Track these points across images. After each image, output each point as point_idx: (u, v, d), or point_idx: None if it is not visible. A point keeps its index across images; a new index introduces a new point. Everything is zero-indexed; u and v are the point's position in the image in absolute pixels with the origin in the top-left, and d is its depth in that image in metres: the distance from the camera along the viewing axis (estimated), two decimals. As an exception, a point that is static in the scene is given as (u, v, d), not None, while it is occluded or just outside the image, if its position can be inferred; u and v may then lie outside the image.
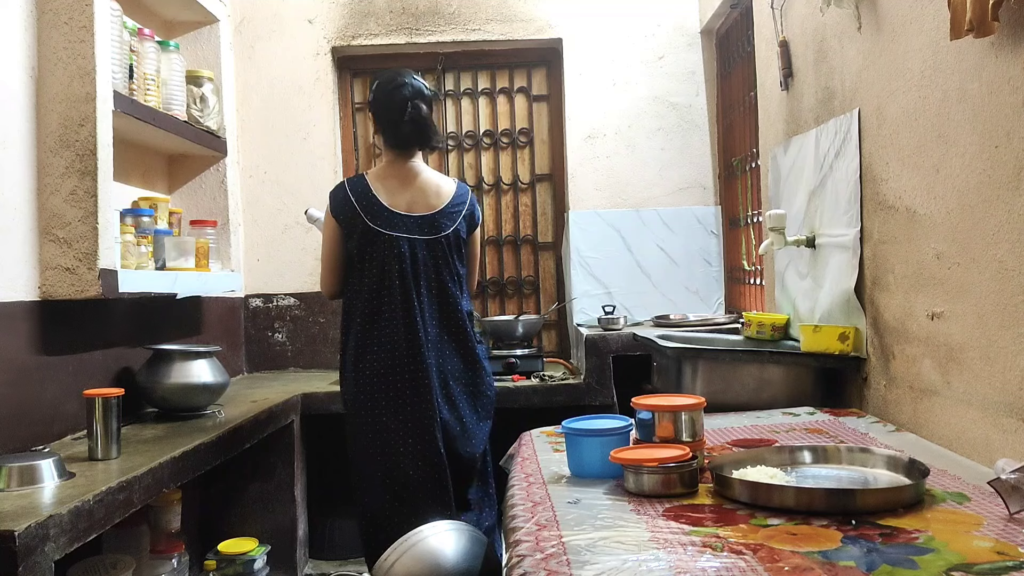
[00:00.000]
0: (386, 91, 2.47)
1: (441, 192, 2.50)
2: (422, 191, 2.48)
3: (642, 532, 1.20)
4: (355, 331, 2.43)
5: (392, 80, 2.49)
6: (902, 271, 1.84)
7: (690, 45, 3.67)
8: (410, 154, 2.51)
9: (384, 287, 2.40)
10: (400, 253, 2.40)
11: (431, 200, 2.47)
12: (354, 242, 2.43)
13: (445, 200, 2.49)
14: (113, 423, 2.00)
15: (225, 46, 3.39)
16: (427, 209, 2.46)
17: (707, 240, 3.66)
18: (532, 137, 3.89)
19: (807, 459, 1.53)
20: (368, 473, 2.41)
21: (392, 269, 2.40)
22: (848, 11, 2.02)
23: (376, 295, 2.41)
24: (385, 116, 2.47)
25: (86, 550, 1.83)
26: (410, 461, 2.38)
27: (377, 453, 2.40)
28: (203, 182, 3.27)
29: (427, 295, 2.43)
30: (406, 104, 2.43)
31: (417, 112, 2.44)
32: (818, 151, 2.26)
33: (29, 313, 2.21)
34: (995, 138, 1.46)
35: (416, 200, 2.46)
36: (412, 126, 2.45)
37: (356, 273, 2.45)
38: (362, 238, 2.41)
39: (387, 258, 2.40)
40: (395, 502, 2.38)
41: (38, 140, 2.28)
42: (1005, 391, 1.47)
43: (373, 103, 2.51)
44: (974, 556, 1.06)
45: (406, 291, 2.40)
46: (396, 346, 2.38)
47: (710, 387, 2.13)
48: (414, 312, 2.40)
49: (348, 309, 2.49)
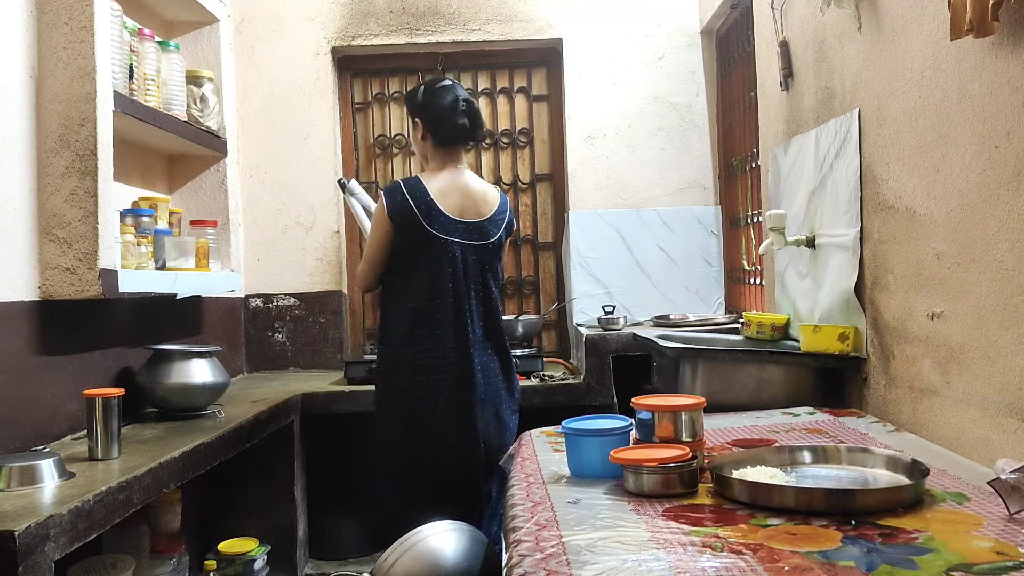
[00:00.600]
0: (436, 91, 2.57)
1: (488, 199, 2.59)
2: (472, 197, 2.56)
3: (642, 532, 1.20)
4: (403, 329, 2.49)
5: (438, 81, 2.61)
6: (902, 271, 1.84)
7: (690, 45, 3.68)
8: (458, 155, 2.59)
9: (437, 289, 2.47)
10: (453, 257, 2.48)
11: (480, 207, 2.56)
12: (407, 243, 2.48)
13: (492, 208, 2.58)
14: (113, 423, 2.00)
15: (225, 46, 3.39)
16: (476, 216, 2.55)
17: (707, 240, 3.66)
18: (532, 137, 3.89)
19: (807, 459, 1.53)
20: (400, 464, 2.47)
21: (445, 272, 2.47)
22: (848, 11, 2.02)
23: (429, 296, 2.47)
24: (438, 113, 2.54)
25: (86, 550, 1.83)
26: (450, 454, 2.46)
27: (417, 445, 2.46)
28: (203, 182, 3.27)
29: (475, 298, 2.53)
30: (458, 101, 2.54)
31: (469, 106, 2.56)
32: (818, 151, 2.26)
33: (29, 313, 2.21)
34: (995, 138, 1.47)
35: (467, 206, 2.54)
36: (467, 119, 2.55)
37: (407, 273, 2.50)
38: (418, 240, 2.47)
39: (441, 261, 2.47)
40: (426, 488, 2.45)
41: (38, 140, 2.28)
42: (1005, 391, 1.47)
43: (422, 105, 2.57)
44: (974, 556, 1.06)
45: (458, 294, 2.49)
46: (446, 346, 2.47)
47: (710, 387, 2.13)
48: (464, 314, 2.49)
49: (396, 308, 2.52)
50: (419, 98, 2.58)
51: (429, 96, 2.56)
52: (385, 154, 3.89)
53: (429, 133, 2.56)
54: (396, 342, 2.50)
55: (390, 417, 2.52)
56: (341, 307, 3.72)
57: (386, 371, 2.54)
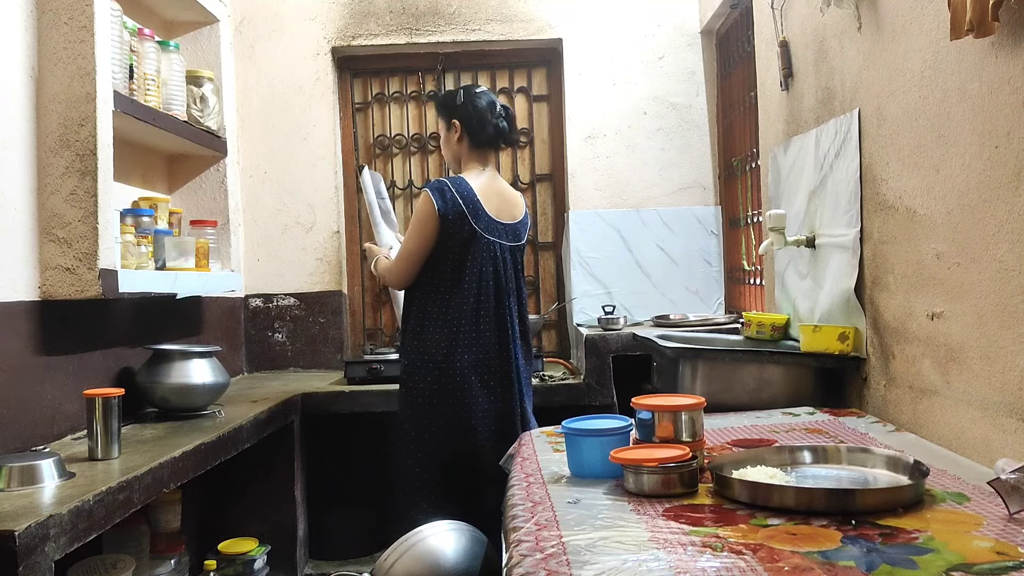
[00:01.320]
0: (476, 95, 2.69)
1: (518, 203, 2.73)
2: (506, 200, 2.68)
3: (642, 532, 1.20)
4: (447, 328, 2.53)
5: (474, 87, 2.75)
6: (902, 271, 1.84)
7: (690, 45, 3.68)
8: (490, 157, 2.70)
9: (482, 288, 2.56)
10: (495, 257, 2.59)
11: (513, 210, 2.69)
12: (455, 242, 2.54)
13: (521, 211, 2.73)
14: (113, 423, 2.00)
15: (225, 46, 3.39)
16: (511, 218, 2.67)
17: (707, 240, 3.66)
18: (532, 137, 3.89)
19: (807, 459, 1.53)
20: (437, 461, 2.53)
21: (488, 271, 2.57)
22: (848, 11, 2.02)
23: (476, 295, 2.56)
24: (479, 116, 2.65)
25: (86, 550, 1.83)
26: (491, 449, 2.51)
27: (456, 440, 2.53)
28: (203, 182, 3.28)
29: (513, 297, 2.64)
30: (495, 104, 2.69)
31: (507, 111, 2.71)
32: (818, 151, 2.26)
33: (29, 313, 2.21)
34: (995, 138, 1.46)
35: (502, 208, 2.65)
36: (506, 121, 2.69)
37: (453, 272, 2.55)
38: (467, 239, 2.54)
39: (486, 261, 2.57)
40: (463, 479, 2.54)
41: (38, 140, 2.28)
42: (1005, 391, 1.47)
43: (463, 107, 2.67)
44: (974, 556, 1.06)
45: (499, 293, 2.60)
46: (490, 343, 2.56)
47: (710, 387, 2.13)
48: (505, 312, 2.60)
49: (439, 307, 2.55)
50: (459, 100, 2.68)
51: (469, 98, 2.67)
52: (385, 154, 3.89)
53: (467, 134, 2.66)
54: (431, 341, 2.54)
55: (418, 417, 2.56)
56: (341, 307, 3.72)
57: (413, 373, 2.57)
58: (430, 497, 2.52)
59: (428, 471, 2.55)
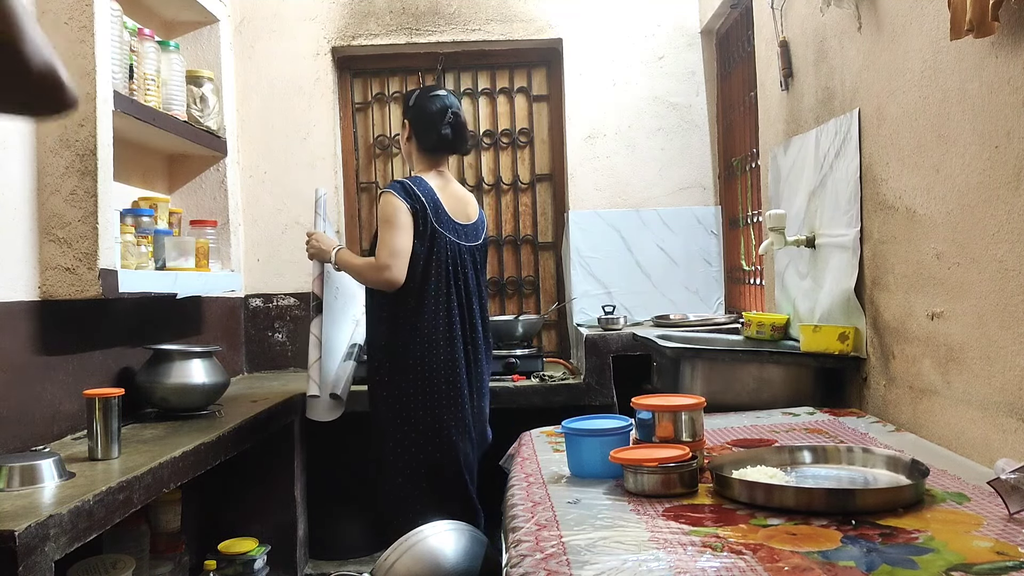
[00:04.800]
0: (428, 98, 2.63)
1: (471, 204, 2.70)
2: (460, 201, 2.65)
3: (642, 532, 1.20)
4: (421, 331, 2.50)
5: (432, 89, 2.68)
6: (902, 271, 1.84)
7: (690, 45, 3.68)
8: (442, 160, 2.66)
9: (450, 288, 2.54)
10: (456, 256, 2.56)
11: (468, 211, 2.66)
12: (421, 240, 2.51)
13: (476, 212, 2.70)
14: (113, 423, 2.00)
15: (225, 46, 3.39)
16: (466, 219, 2.64)
17: (707, 240, 3.66)
18: (532, 137, 3.89)
19: (807, 459, 1.53)
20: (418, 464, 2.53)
21: (451, 272, 2.56)
22: (848, 11, 2.02)
23: (446, 296, 2.53)
24: (425, 120, 2.60)
25: (86, 550, 1.83)
26: (463, 447, 2.55)
27: (431, 443, 2.52)
28: (203, 182, 3.28)
29: (476, 296, 2.62)
30: (446, 110, 2.60)
31: (456, 119, 2.62)
32: (818, 151, 2.26)
33: (29, 313, 2.21)
34: (995, 138, 1.47)
35: (458, 209, 2.63)
36: (451, 130, 2.60)
37: (420, 272, 2.50)
38: (430, 238, 2.51)
39: (449, 260, 2.54)
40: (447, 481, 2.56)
41: (38, 140, 2.28)
42: (1005, 391, 1.47)
43: (414, 109, 2.64)
44: (974, 556, 1.06)
45: (467, 292, 2.58)
46: (459, 344, 2.54)
47: (710, 387, 2.13)
48: (474, 312, 2.60)
49: (407, 310, 2.51)
50: (411, 102, 2.66)
51: (421, 101, 2.63)
52: (385, 154, 3.89)
53: (415, 136, 2.64)
54: (404, 343, 2.50)
55: (395, 418, 2.54)
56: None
57: (388, 374, 2.54)
58: (416, 505, 2.50)
59: (412, 479, 2.53)
